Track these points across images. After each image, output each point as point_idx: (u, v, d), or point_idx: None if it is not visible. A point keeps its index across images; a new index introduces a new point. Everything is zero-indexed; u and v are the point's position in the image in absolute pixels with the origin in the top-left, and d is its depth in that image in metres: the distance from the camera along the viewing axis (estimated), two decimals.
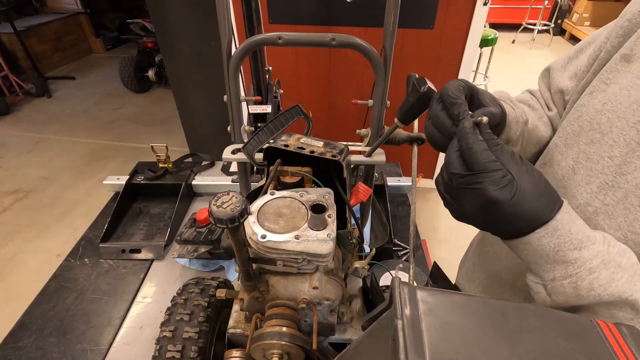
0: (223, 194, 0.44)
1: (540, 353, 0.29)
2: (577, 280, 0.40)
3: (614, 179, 0.46)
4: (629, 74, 0.47)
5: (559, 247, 0.40)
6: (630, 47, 0.48)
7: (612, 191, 0.47)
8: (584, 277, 0.40)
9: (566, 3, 6.07)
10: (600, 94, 0.51)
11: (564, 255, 0.40)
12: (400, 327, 0.29)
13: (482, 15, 2.10)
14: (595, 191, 0.48)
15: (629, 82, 0.47)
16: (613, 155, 0.47)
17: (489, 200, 0.39)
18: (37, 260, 2.42)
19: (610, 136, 0.47)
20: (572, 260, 0.40)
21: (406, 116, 0.60)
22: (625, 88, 0.47)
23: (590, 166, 0.49)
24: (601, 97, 0.50)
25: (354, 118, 2.59)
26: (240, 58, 0.79)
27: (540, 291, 0.44)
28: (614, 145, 0.47)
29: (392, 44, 0.76)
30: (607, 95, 0.49)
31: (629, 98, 0.46)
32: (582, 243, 0.40)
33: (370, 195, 0.74)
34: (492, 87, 4.13)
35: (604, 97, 0.50)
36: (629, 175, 0.45)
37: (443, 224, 2.67)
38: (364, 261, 0.69)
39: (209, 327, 0.70)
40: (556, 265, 0.41)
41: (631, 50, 0.48)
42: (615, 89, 0.48)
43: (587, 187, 0.50)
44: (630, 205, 0.45)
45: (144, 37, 4.14)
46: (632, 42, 0.48)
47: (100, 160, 3.40)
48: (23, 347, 0.87)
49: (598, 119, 0.49)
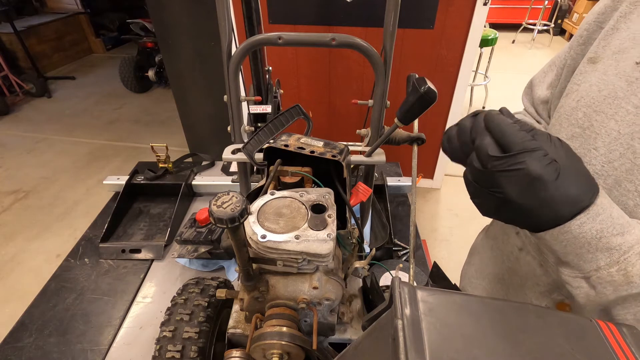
0: (223, 194, 0.44)
1: (541, 353, 0.29)
2: (627, 267, 0.38)
3: (602, 167, 0.49)
4: (596, 72, 0.52)
5: (602, 232, 0.38)
6: (595, 51, 0.54)
7: (603, 179, 0.49)
8: (633, 262, 0.38)
9: (566, 3, 6.07)
10: (574, 94, 0.56)
11: (607, 242, 0.38)
12: (400, 327, 0.29)
13: (482, 15, 2.10)
14: None
15: (597, 79, 0.52)
16: (597, 147, 0.50)
17: (534, 178, 0.36)
18: (37, 260, 2.42)
19: (591, 129, 0.51)
20: (616, 247, 0.38)
21: (406, 116, 0.60)
22: (594, 84, 0.52)
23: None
24: (574, 95, 0.55)
25: (354, 118, 2.59)
26: (240, 58, 0.79)
27: (582, 285, 0.42)
28: (596, 137, 0.50)
29: (392, 44, 0.76)
30: (580, 93, 0.54)
31: (600, 93, 0.50)
32: (624, 228, 0.39)
33: (370, 195, 0.74)
34: (492, 87, 4.13)
35: (577, 95, 0.55)
36: (616, 162, 0.48)
37: (443, 224, 2.67)
38: (364, 261, 0.69)
39: (209, 327, 0.70)
40: (599, 254, 0.39)
41: (595, 54, 0.54)
42: (586, 86, 0.53)
43: None
44: (627, 191, 0.46)
45: (144, 37, 4.14)
46: (594, 47, 0.55)
47: (100, 160, 3.40)
48: (23, 347, 0.87)
49: (575, 115, 0.54)
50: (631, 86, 0.47)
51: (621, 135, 0.47)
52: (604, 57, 0.52)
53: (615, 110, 0.48)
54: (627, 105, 0.47)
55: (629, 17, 0.51)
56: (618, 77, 0.49)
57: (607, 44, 0.53)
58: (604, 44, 0.53)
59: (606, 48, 0.52)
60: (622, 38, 0.51)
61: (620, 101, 0.48)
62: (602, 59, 0.52)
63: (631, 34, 0.50)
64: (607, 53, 0.52)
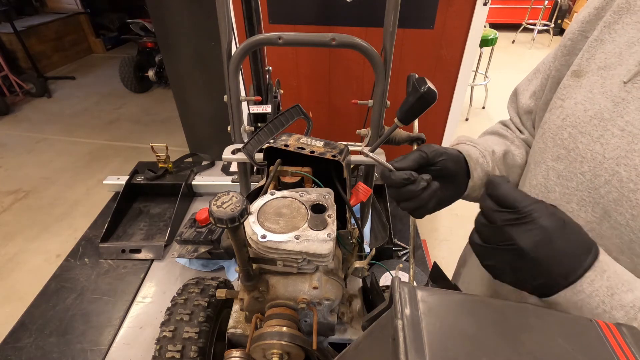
0: (223, 194, 0.44)
1: (540, 353, 0.29)
2: None
3: (589, 194, 0.47)
4: (581, 89, 0.50)
5: (612, 289, 0.38)
6: (578, 64, 0.52)
7: (591, 208, 0.47)
8: None
9: (566, 3, 6.07)
10: (558, 110, 0.53)
11: (619, 299, 0.38)
12: (400, 327, 0.29)
13: (482, 15, 2.10)
14: (575, 209, 0.49)
15: (582, 97, 0.49)
16: (584, 171, 0.48)
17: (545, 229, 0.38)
18: (37, 260, 2.42)
19: (577, 152, 0.49)
20: (629, 304, 0.38)
21: (406, 116, 0.60)
22: (580, 102, 0.49)
23: (565, 184, 0.50)
24: (559, 112, 0.53)
25: (354, 118, 2.59)
26: (240, 58, 0.79)
27: None
28: (583, 161, 0.48)
29: (392, 44, 0.76)
30: (565, 111, 0.52)
31: (586, 112, 0.48)
32: (632, 284, 0.39)
33: (370, 195, 0.74)
34: (492, 87, 4.14)
35: (562, 112, 0.52)
36: (602, 189, 0.46)
37: (443, 224, 2.67)
38: (364, 261, 0.69)
39: (209, 327, 0.70)
40: (615, 312, 0.38)
41: (579, 66, 0.52)
42: (571, 103, 0.51)
43: (567, 205, 0.50)
44: (618, 224, 0.45)
45: (144, 37, 4.14)
46: (579, 59, 0.52)
47: (100, 160, 3.40)
48: (23, 347, 0.87)
49: (560, 135, 0.51)
50: (617, 107, 0.45)
51: (606, 160, 0.45)
52: (589, 72, 0.50)
53: (601, 132, 0.46)
54: (612, 127, 0.45)
55: (613, 27, 0.49)
56: (604, 96, 0.47)
57: (592, 57, 0.50)
58: (588, 56, 0.51)
59: (590, 61, 0.50)
60: (607, 52, 0.49)
61: (606, 123, 0.46)
62: (587, 73, 0.50)
63: (616, 47, 0.48)
64: (591, 67, 0.50)
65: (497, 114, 4.00)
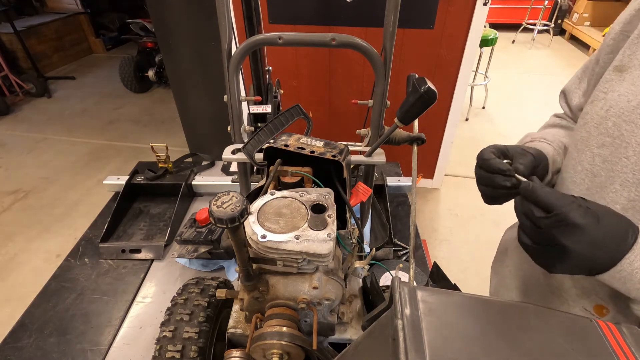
0: (223, 194, 0.44)
1: (541, 353, 0.29)
2: None
3: (634, 175, 0.52)
4: (624, 82, 0.55)
5: None
6: (620, 60, 0.57)
7: (635, 187, 0.52)
8: None
9: (566, 3, 6.07)
10: (601, 102, 0.58)
11: None
12: (400, 327, 0.29)
13: (482, 15, 2.10)
14: (619, 190, 0.54)
15: (625, 89, 0.54)
16: (628, 155, 0.52)
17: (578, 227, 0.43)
18: (37, 260, 2.42)
19: (621, 139, 0.53)
20: None
21: (406, 116, 0.60)
22: (623, 94, 0.54)
23: (611, 167, 0.55)
24: (602, 104, 0.57)
25: (354, 118, 2.59)
26: (240, 58, 0.79)
27: None
28: (627, 146, 0.53)
29: (392, 44, 0.76)
30: (608, 102, 0.56)
31: (629, 103, 0.53)
32: None
33: (370, 195, 0.74)
34: (492, 87, 4.13)
35: (605, 104, 0.57)
36: None
37: (443, 224, 2.67)
38: (364, 261, 0.69)
39: (209, 327, 0.70)
40: None
41: (621, 62, 0.56)
42: (614, 95, 0.55)
43: (611, 187, 0.55)
44: None
45: (144, 37, 4.14)
46: (620, 55, 0.57)
47: (100, 160, 3.40)
48: (23, 347, 0.87)
49: (604, 124, 0.56)
50: None
51: None
52: (631, 67, 0.54)
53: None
54: None
55: None
56: None
57: (633, 53, 0.55)
58: (630, 52, 0.55)
59: (632, 57, 0.55)
60: None
61: None
62: (629, 68, 0.55)
63: None
64: (634, 63, 0.54)
65: (497, 114, 4.00)
